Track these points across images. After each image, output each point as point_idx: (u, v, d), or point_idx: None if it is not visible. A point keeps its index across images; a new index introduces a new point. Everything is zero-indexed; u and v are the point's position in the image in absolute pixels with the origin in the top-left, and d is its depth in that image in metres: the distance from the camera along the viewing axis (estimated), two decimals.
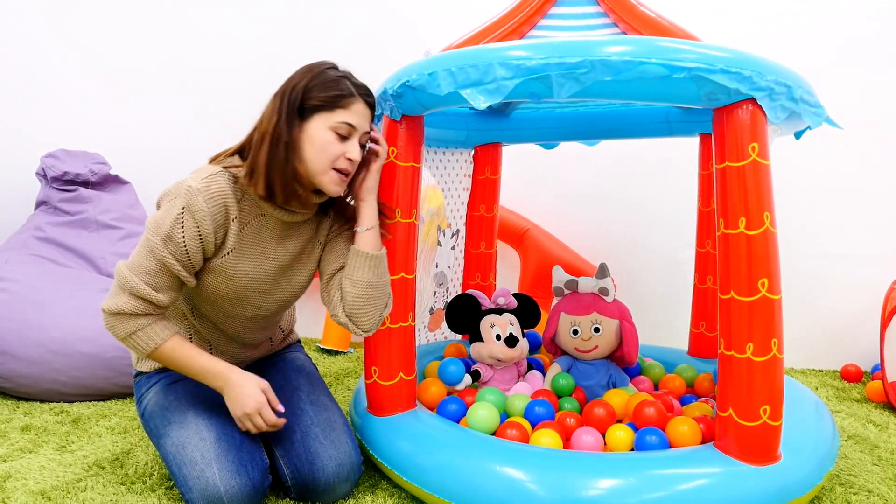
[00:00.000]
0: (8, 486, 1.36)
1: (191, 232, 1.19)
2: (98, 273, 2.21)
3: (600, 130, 1.90)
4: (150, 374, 1.42)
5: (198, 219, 1.19)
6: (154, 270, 1.20)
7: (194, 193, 1.18)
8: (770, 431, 1.17)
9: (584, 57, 1.10)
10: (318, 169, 1.23)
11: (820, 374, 2.31)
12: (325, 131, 1.22)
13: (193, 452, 1.22)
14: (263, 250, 1.31)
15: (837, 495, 1.35)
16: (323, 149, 1.22)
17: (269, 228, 1.30)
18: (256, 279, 1.32)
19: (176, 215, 1.19)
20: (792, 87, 1.19)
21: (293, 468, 1.29)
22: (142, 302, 1.21)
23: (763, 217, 1.16)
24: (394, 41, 2.56)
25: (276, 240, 1.32)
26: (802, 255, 2.30)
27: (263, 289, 1.34)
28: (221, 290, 1.30)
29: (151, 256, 1.20)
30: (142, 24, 2.64)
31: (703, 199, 1.87)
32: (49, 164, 2.29)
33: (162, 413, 1.32)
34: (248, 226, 1.27)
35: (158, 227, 1.20)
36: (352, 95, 1.23)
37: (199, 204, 1.19)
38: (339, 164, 1.23)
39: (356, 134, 1.25)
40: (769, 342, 1.16)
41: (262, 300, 1.36)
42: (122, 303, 1.20)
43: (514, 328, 1.65)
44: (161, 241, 1.19)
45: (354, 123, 1.23)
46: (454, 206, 2.09)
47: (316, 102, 1.21)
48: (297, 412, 1.35)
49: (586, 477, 1.15)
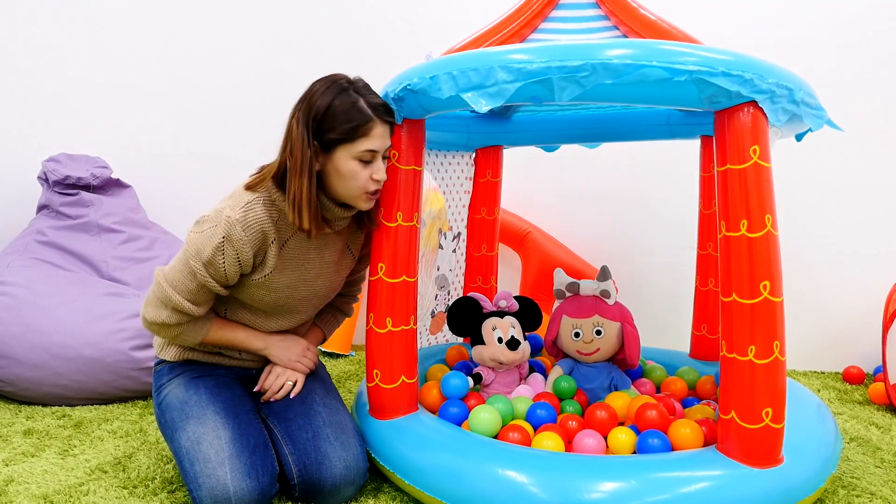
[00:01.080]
0: (10, 490, 1.36)
1: (230, 259, 1.27)
2: (100, 276, 2.22)
3: (601, 133, 1.91)
4: (172, 364, 1.44)
5: (237, 247, 1.27)
6: (195, 290, 1.29)
7: (233, 224, 1.25)
8: (772, 434, 1.17)
9: (585, 60, 1.11)
10: (349, 196, 1.31)
11: (822, 376, 2.31)
12: (350, 161, 1.27)
13: (208, 450, 1.23)
14: (304, 263, 1.39)
15: (840, 498, 1.35)
16: (351, 178, 1.28)
17: (308, 242, 1.37)
18: (297, 289, 1.40)
19: (216, 244, 1.26)
20: (793, 90, 1.19)
21: (301, 466, 1.29)
22: (184, 315, 1.31)
23: (765, 219, 1.16)
24: (395, 45, 2.56)
25: (315, 250, 1.40)
26: (804, 257, 2.30)
27: (302, 296, 1.42)
28: (263, 301, 1.38)
29: (193, 278, 1.28)
30: (144, 28, 2.65)
31: (704, 201, 1.87)
32: (51, 168, 2.29)
33: (181, 406, 1.34)
34: (287, 243, 1.35)
35: (199, 252, 1.27)
36: (370, 121, 1.26)
37: (238, 234, 1.26)
38: (368, 188, 1.30)
39: (380, 155, 1.30)
40: (771, 345, 1.16)
41: (300, 306, 1.44)
42: (166, 317, 1.30)
43: (516, 331, 1.65)
44: (202, 267, 1.27)
45: (377, 148, 1.28)
46: (455, 208, 2.09)
47: (336, 136, 1.25)
48: (310, 412, 1.37)
49: (588, 480, 1.15)
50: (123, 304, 2.00)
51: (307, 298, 1.44)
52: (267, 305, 1.40)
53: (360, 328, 2.60)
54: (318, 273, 1.42)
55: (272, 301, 1.39)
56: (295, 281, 1.38)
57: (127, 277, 2.24)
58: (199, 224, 1.30)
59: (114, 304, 1.99)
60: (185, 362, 1.44)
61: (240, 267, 1.29)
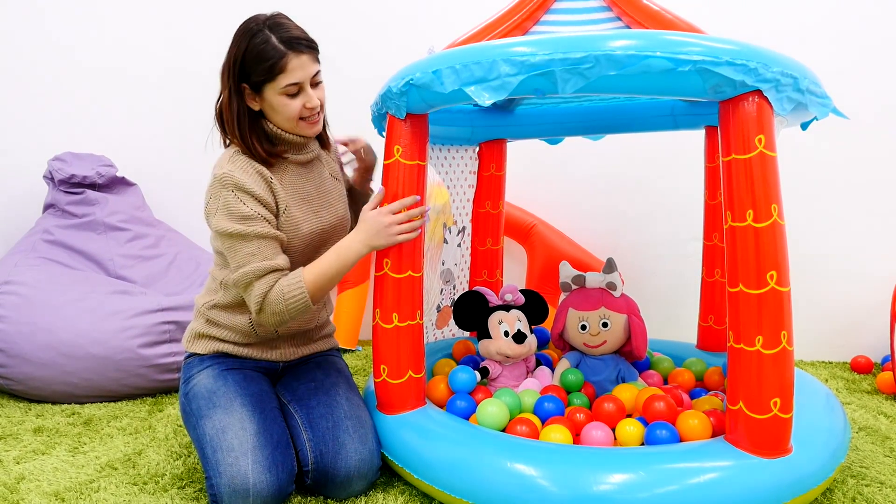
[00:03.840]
0: (22, 488, 1.37)
1: (251, 201, 1.32)
2: (107, 275, 2.23)
3: (605, 125, 1.90)
4: (203, 357, 1.47)
5: (248, 189, 1.32)
6: (255, 249, 1.32)
7: (231, 175, 1.32)
8: (781, 424, 1.16)
9: (588, 52, 1.10)
10: (288, 127, 1.40)
11: (830, 366, 2.30)
12: (278, 97, 1.35)
13: (232, 440, 1.25)
14: (306, 194, 1.46)
15: (849, 487, 1.35)
16: (282, 111, 1.36)
17: (297, 173, 1.45)
18: (312, 222, 1.45)
19: (233, 198, 1.31)
20: (798, 79, 1.18)
21: (318, 453, 1.30)
22: (268, 275, 1.33)
23: (771, 209, 1.16)
24: (397, 40, 2.55)
25: (306, 177, 1.47)
26: (812, 246, 2.29)
27: (322, 228, 1.47)
28: (293, 245, 1.42)
29: (244, 241, 1.32)
30: (149, 26, 2.65)
31: (709, 191, 1.86)
32: (56, 168, 2.30)
33: (209, 396, 1.35)
34: (283, 177, 1.42)
35: (230, 216, 1.31)
36: (283, 56, 1.32)
37: (241, 178, 1.32)
38: (302, 115, 1.38)
39: (306, 84, 1.36)
40: (779, 335, 1.15)
41: (322, 239, 1.48)
42: (258, 289, 1.32)
43: (522, 324, 1.65)
44: (242, 224, 1.31)
45: (297, 80, 1.34)
46: (460, 203, 2.09)
47: (258, 78, 1.34)
48: (332, 403, 1.40)
49: (597, 472, 1.15)
50: (131, 301, 2.01)
51: (326, 231, 1.48)
52: (298, 249, 1.43)
53: (366, 323, 2.61)
54: (321, 203, 1.49)
55: (301, 242, 1.43)
56: (307, 213, 1.44)
57: (134, 275, 2.25)
58: (208, 208, 1.36)
59: (121, 302, 2.00)
60: (215, 355, 1.46)
61: (264, 206, 1.34)
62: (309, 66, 1.36)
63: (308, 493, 1.33)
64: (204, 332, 1.47)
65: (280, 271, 1.35)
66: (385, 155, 1.44)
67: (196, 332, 1.48)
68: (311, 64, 1.36)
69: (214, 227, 1.34)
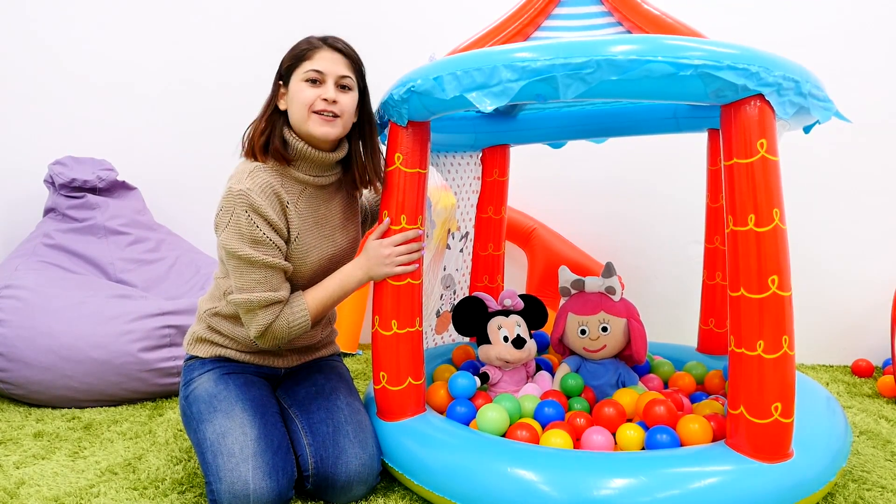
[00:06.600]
0: (22, 493, 1.37)
1: (265, 227, 1.31)
2: (107, 278, 2.22)
3: (607, 128, 1.90)
4: (204, 360, 1.46)
5: (262, 212, 1.30)
6: (262, 277, 1.32)
7: (248, 195, 1.29)
8: (782, 428, 1.16)
9: (589, 57, 1.10)
10: (300, 118, 1.35)
11: (830, 370, 2.30)
12: (299, 83, 1.35)
13: (233, 445, 1.25)
14: (319, 219, 1.44)
15: (850, 492, 1.35)
16: (297, 97, 1.34)
17: (314, 196, 1.43)
18: (323, 249, 1.44)
19: (246, 220, 1.29)
20: (800, 82, 1.18)
21: (318, 458, 1.30)
22: (272, 306, 1.33)
23: (772, 213, 1.16)
24: (398, 46, 2.55)
25: (324, 203, 1.45)
26: (812, 250, 2.29)
27: (331, 254, 1.46)
28: (301, 272, 1.41)
29: (252, 267, 1.31)
30: (149, 30, 2.65)
31: (711, 194, 1.86)
32: (57, 172, 2.30)
33: (209, 400, 1.35)
34: (299, 202, 1.40)
35: (241, 238, 1.29)
36: (314, 47, 1.35)
37: (256, 200, 1.29)
38: (316, 107, 1.34)
39: (329, 78, 1.34)
40: (780, 339, 1.15)
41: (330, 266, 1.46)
42: (261, 319, 1.33)
43: (522, 329, 1.65)
44: (252, 249, 1.30)
45: (321, 68, 1.34)
46: (464, 208, 2.09)
47: (286, 65, 1.37)
48: (332, 408, 1.39)
49: (598, 477, 1.15)
50: (131, 305, 2.01)
51: (336, 255, 1.48)
52: (304, 276, 1.42)
53: (366, 327, 2.61)
54: (333, 227, 1.47)
55: (309, 269, 1.42)
56: (318, 239, 1.43)
57: (134, 279, 2.25)
58: (219, 220, 1.33)
59: (121, 307, 2.00)
60: (216, 359, 1.46)
61: (276, 232, 1.33)
62: (338, 64, 1.35)
63: (308, 497, 1.33)
64: (205, 338, 1.47)
65: (283, 302, 1.36)
66: (386, 162, 1.44)
67: (197, 335, 1.48)
68: (341, 63, 1.36)
69: (223, 242, 1.32)
